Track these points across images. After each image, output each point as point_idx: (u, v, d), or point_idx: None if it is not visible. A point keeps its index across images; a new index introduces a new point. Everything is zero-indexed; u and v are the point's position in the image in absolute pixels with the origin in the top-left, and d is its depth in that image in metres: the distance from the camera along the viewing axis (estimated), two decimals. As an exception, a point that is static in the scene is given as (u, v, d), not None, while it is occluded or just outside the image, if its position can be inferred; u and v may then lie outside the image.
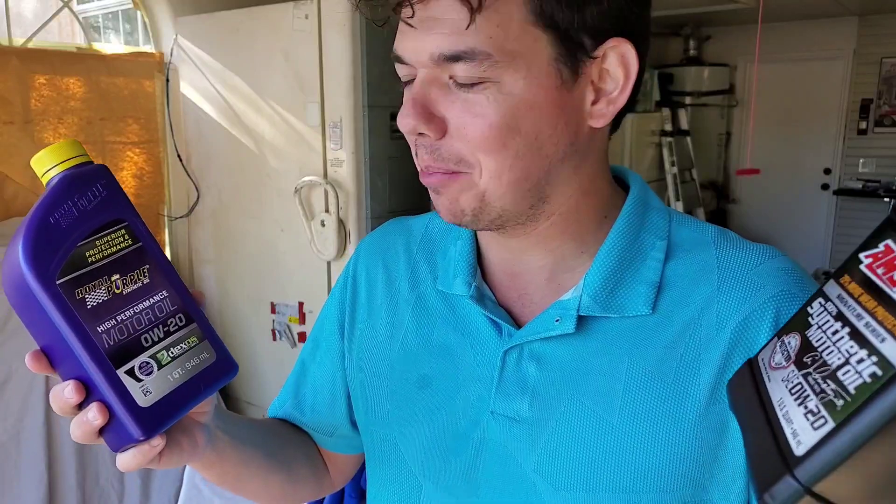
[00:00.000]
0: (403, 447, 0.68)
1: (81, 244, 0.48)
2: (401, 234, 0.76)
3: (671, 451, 0.56)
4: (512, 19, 0.52)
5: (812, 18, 5.04)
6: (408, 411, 0.67)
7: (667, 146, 4.56)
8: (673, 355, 0.58)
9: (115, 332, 0.49)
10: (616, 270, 0.60)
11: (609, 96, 0.57)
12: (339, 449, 0.79)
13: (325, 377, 0.77)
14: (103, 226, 0.50)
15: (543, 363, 0.61)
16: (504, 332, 0.63)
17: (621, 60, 0.56)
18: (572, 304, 0.60)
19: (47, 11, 2.69)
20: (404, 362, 0.68)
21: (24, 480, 2.20)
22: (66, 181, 0.49)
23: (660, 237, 0.62)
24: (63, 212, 0.48)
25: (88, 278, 0.48)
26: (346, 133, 2.32)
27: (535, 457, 0.60)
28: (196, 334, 0.53)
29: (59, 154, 0.50)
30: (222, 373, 0.53)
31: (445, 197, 0.58)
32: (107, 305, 0.49)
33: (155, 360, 0.50)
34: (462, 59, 0.52)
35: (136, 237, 0.51)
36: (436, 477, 0.65)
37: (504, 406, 0.61)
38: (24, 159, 2.43)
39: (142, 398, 0.48)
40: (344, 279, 0.77)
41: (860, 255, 0.38)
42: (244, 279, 2.77)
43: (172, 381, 0.50)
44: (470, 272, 0.65)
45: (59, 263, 0.47)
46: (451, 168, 0.56)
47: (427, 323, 0.68)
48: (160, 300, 0.51)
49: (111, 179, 0.52)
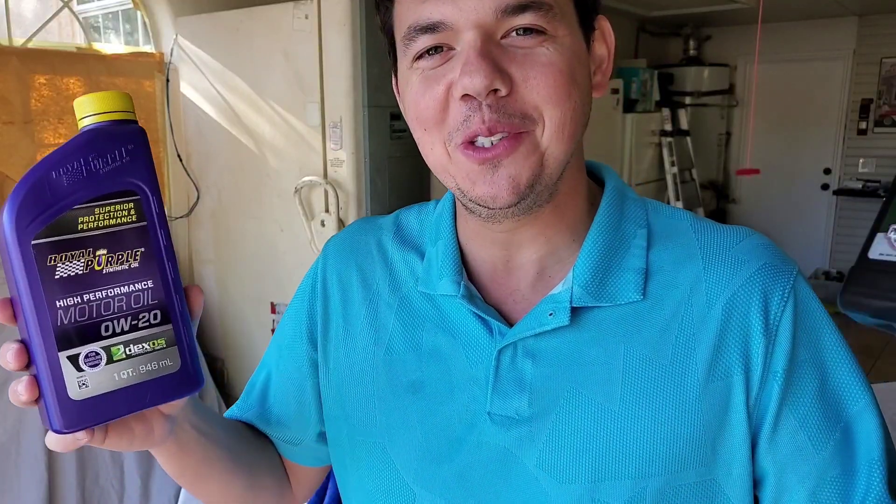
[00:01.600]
0: (394, 455, 0.65)
1: (78, 207, 0.44)
2: (372, 234, 0.73)
3: (674, 433, 0.57)
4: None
5: (812, 18, 5.04)
6: (398, 418, 0.65)
7: (667, 146, 4.56)
8: (667, 338, 0.58)
9: (76, 311, 0.44)
10: (603, 260, 0.61)
11: (601, 68, 0.61)
12: (304, 461, 0.76)
13: (292, 387, 0.73)
14: (111, 194, 0.45)
15: (539, 359, 0.60)
16: (496, 331, 0.62)
17: (604, 36, 0.61)
18: (564, 296, 0.60)
19: (47, 11, 2.69)
20: (392, 368, 0.66)
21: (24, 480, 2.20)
22: (91, 136, 0.45)
23: (640, 226, 0.63)
24: (71, 168, 0.44)
25: (70, 246, 0.44)
26: (346, 133, 2.32)
27: (537, 453, 0.59)
28: (166, 337, 0.47)
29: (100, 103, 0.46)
30: (180, 386, 0.48)
31: (506, 168, 0.55)
32: (78, 280, 0.44)
33: (107, 352, 0.45)
34: (529, 9, 0.53)
35: (142, 214, 0.47)
36: (430, 483, 0.64)
37: (502, 406, 0.61)
38: (24, 159, 2.43)
39: (75, 390, 0.44)
40: (312, 284, 0.73)
41: None
42: (244, 279, 2.77)
43: (117, 381, 0.45)
44: (457, 271, 0.64)
45: (44, 223, 0.43)
46: (515, 126, 0.54)
47: (414, 326, 0.66)
48: (140, 290, 0.46)
49: (142, 146, 0.47)
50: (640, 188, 4.36)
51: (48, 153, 0.45)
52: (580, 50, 0.57)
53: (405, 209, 0.75)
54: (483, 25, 0.53)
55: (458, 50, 0.55)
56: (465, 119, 0.54)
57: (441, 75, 0.55)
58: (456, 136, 0.55)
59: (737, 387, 0.57)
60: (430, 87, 0.56)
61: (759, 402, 0.58)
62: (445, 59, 0.55)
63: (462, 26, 0.54)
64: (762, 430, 0.58)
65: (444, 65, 0.55)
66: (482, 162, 0.55)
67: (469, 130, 0.54)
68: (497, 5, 0.53)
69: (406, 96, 0.59)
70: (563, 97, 0.55)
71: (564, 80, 0.54)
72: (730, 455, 0.58)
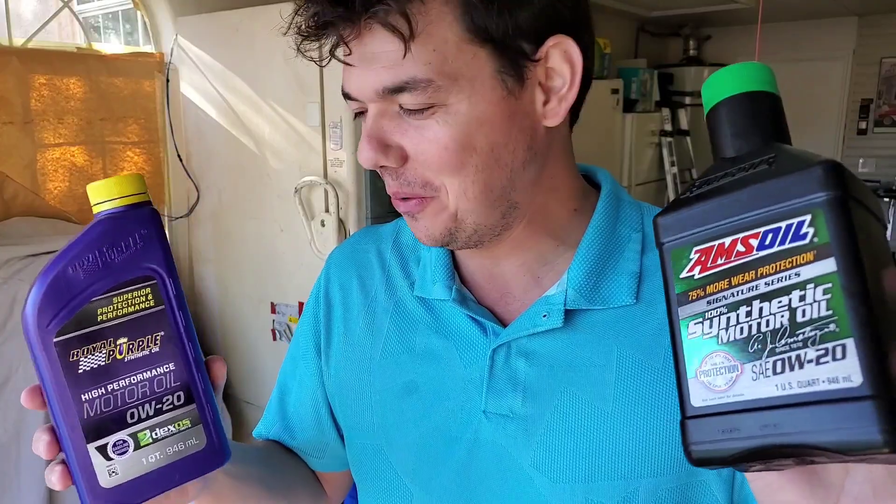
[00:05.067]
0: (391, 456, 0.67)
1: (96, 300, 0.45)
2: (371, 243, 0.75)
3: (665, 434, 0.58)
4: (447, 41, 0.52)
5: (812, 18, 5.04)
6: (394, 419, 0.66)
7: (667, 146, 4.56)
8: (660, 342, 0.59)
9: (101, 402, 0.45)
10: (597, 264, 0.61)
11: (559, 94, 0.57)
12: (332, 468, 0.78)
13: (308, 399, 0.75)
14: (128, 281, 0.46)
15: (532, 359, 0.61)
16: (489, 331, 0.63)
17: (565, 56, 0.56)
18: (558, 298, 0.60)
19: (47, 12, 2.69)
20: (387, 370, 0.68)
21: (24, 480, 2.20)
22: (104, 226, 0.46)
23: (635, 230, 0.63)
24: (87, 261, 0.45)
25: (91, 339, 0.45)
26: (346, 133, 2.32)
27: (531, 452, 0.60)
28: (191, 416, 0.48)
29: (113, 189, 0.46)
30: (207, 462, 0.49)
31: (421, 223, 0.59)
32: (101, 371, 0.45)
33: (134, 438, 0.46)
34: (405, 90, 0.52)
35: (160, 299, 0.47)
36: (427, 483, 0.65)
37: (497, 404, 0.61)
38: (23, 159, 2.43)
39: (105, 478, 0.45)
40: (315, 295, 0.76)
41: (679, 276, 0.39)
42: (244, 279, 2.77)
43: (145, 465, 0.46)
44: (448, 276, 0.66)
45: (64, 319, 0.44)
46: (418, 193, 0.57)
47: (408, 329, 0.68)
48: (163, 373, 0.48)
49: (156, 228, 0.48)
50: (639, 188, 4.36)
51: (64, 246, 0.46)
52: (488, 106, 0.54)
53: None
54: (374, 102, 0.55)
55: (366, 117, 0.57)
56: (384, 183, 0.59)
57: None
58: None
59: None
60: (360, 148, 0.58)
61: None
62: None
63: (362, 99, 0.56)
64: None
65: None
66: (403, 212, 0.60)
67: (388, 191, 0.59)
68: (376, 87, 0.54)
69: None
70: (455, 168, 0.55)
71: (452, 154, 0.54)
72: None
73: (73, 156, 2.59)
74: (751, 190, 0.37)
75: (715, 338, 0.38)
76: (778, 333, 0.35)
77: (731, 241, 0.37)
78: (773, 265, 0.35)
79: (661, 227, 0.41)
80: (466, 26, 0.52)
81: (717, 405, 0.37)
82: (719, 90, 0.42)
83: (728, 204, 0.38)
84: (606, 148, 4.02)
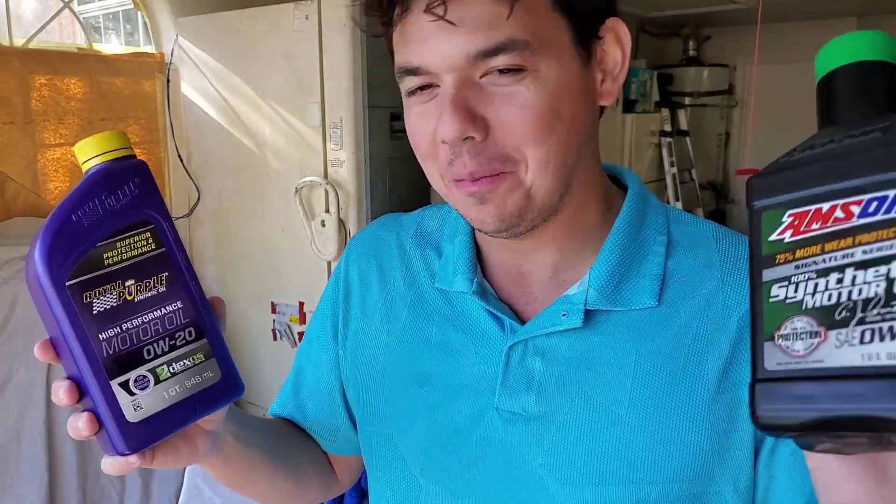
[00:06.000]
0: (402, 445, 0.67)
1: (101, 245, 0.47)
2: (392, 231, 0.75)
3: (681, 441, 0.57)
4: (539, 6, 0.53)
5: (812, 19, 5.04)
6: (406, 409, 0.67)
7: (666, 146, 4.56)
8: (681, 347, 0.58)
9: (118, 340, 0.47)
10: (620, 265, 0.61)
11: (613, 74, 0.59)
12: (343, 451, 0.79)
13: (322, 381, 0.76)
14: (127, 227, 0.48)
15: (548, 358, 0.61)
16: (507, 327, 0.63)
17: (616, 39, 0.58)
18: (579, 298, 0.60)
19: (47, 12, 2.69)
20: (402, 359, 0.68)
21: (24, 480, 2.20)
22: (99, 176, 0.48)
23: (660, 233, 0.63)
24: (88, 209, 0.47)
25: (101, 282, 0.47)
26: (346, 133, 2.32)
27: (543, 452, 0.60)
28: (203, 351, 0.51)
29: (100, 144, 0.49)
30: (224, 394, 0.52)
31: (492, 203, 0.56)
32: (115, 312, 0.47)
33: (153, 374, 0.48)
34: (502, 52, 0.52)
35: (160, 242, 0.50)
36: (436, 475, 0.65)
37: (510, 402, 0.61)
38: (24, 159, 2.44)
39: (132, 413, 0.47)
40: (335, 279, 0.76)
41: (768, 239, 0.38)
42: (245, 279, 2.78)
43: (167, 399, 0.48)
44: (471, 269, 0.65)
45: (73, 264, 0.46)
46: (497, 168, 0.55)
47: (425, 320, 0.68)
48: (172, 311, 0.50)
49: (147, 177, 0.50)
50: (639, 188, 4.35)
51: (64, 199, 0.48)
52: (570, 75, 0.56)
53: (428, 207, 0.77)
54: (458, 69, 0.53)
55: (441, 89, 0.55)
56: (449, 163, 0.56)
57: (429, 114, 0.56)
58: (446, 174, 0.57)
59: (746, 400, 0.57)
60: (421, 126, 0.57)
61: None
62: (432, 97, 0.56)
63: (439, 70, 0.54)
64: (765, 443, 0.58)
65: (431, 103, 0.56)
66: (469, 195, 0.57)
67: (454, 173, 0.56)
68: (468, 51, 0.52)
69: (406, 124, 0.60)
70: (543, 136, 0.54)
71: (544, 120, 0.54)
72: (737, 469, 0.58)
73: (73, 156, 2.59)
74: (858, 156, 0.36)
75: (799, 302, 0.36)
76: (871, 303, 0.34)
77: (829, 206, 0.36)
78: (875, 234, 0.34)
79: (754, 188, 0.39)
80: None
81: (793, 370, 0.36)
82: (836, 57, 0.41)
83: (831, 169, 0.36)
84: (606, 148, 4.02)
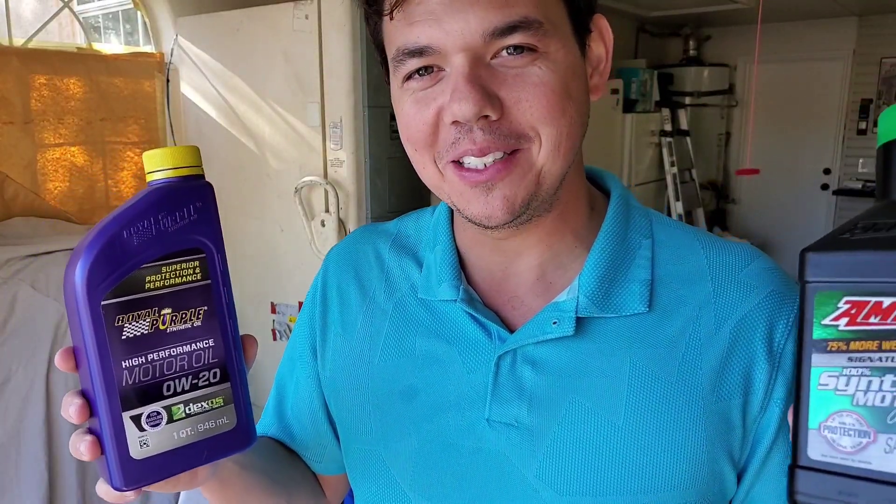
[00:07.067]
0: (389, 461, 0.65)
1: (145, 267, 0.44)
2: (370, 242, 0.73)
3: (677, 450, 0.57)
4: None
5: (812, 18, 5.04)
6: (393, 424, 0.65)
7: (666, 146, 4.56)
8: (674, 355, 0.58)
9: (140, 371, 0.45)
10: (609, 270, 0.60)
11: (599, 70, 0.60)
12: (331, 471, 0.77)
13: (304, 402, 0.74)
14: (177, 252, 0.46)
15: (539, 367, 0.59)
16: (495, 336, 0.61)
17: (600, 35, 0.59)
18: (569, 305, 0.59)
19: (47, 12, 2.69)
20: (386, 374, 0.66)
21: (24, 480, 2.20)
22: (162, 192, 0.46)
23: (645, 236, 0.62)
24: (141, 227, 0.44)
25: (137, 306, 0.44)
26: (346, 133, 2.32)
27: (537, 463, 0.58)
28: (224, 395, 0.48)
29: (170, 158, 0.46)
30: (235, 443, 0.48)
31: (500, 190, 0.55)
32: (144, 340, 0.45)
33: (168, 412, 0.46)
34: (518, 30, 0.51)
35: (207, 273, 0.47)
36: (425, 491, 0.63)
37: (501, 413, 0.60)
38: (24, 159, 2.43)
39: (136, 449, 0.45)
40: (312, 295, 0.74)
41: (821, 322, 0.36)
42: (244, 279, 2.77)
43: (176, 440, 0.46)
44: (456, 276, 0.64)
45: (113, 283, 0.43)
46: (510, 145, 0.53)
47: (409, 332, 0.66)
48: (202, 349, 0.47)
49: (210, 203, 0.47)
50: (639, 189, 4.35)
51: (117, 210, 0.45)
52: (575, 61, 0.56)
53: (405, 216, 0.75)
54: (471, 48, 0.52)
55: (447, 72, 0.54)
56: (454, 141, 0.54)
57: (431, 98, 0.54)
58: (445, 155, 0.55)
59: (737, 410, 0.57)
60: (421, 110, 0.55)
61: (758, 426, 0.57)
62: (435, 81, 0.54)
63: (450, 50, 0.52)
64: (756, 453, 0.58)
65: (434, 86, 0.54)
66: (475, 184, 0.55)
67: (458, 151, 0.54)
68: (485, 28, 0.51)
69: (398, 115, 0.58)
70: (557, 115, 0.53)
71: (558, 99, 0.53)
72: (731, 478, 0.58)
73: (73, 156, 2.59)
74: None
75: (850, 397, 0.35)
76: None
77: (890, 302, 0.34)
78: None
79: (809, 263, 0.37)
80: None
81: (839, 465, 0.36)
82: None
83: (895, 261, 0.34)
84: (606, 148, 4.02)
